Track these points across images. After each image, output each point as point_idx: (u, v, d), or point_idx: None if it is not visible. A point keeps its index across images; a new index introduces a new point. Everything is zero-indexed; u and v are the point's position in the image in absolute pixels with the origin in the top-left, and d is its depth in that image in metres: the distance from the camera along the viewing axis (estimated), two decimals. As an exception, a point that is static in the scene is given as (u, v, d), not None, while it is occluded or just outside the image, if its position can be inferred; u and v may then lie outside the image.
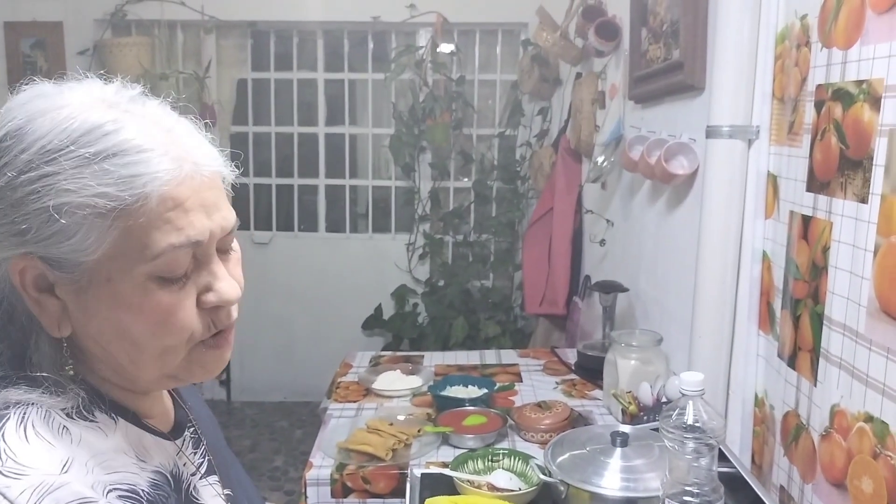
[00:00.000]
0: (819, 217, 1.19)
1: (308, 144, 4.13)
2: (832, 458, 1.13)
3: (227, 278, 0.71)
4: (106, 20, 3.78)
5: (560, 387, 2.07)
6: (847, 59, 1.11)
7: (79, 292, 0.66)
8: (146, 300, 0.66)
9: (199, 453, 0.85)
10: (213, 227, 0.68)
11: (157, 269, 0.65)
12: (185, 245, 0.66)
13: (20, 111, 0.65)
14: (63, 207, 0.62)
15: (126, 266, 0.65)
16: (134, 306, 0.66)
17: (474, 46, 3.99)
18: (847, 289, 1.10)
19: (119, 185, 0.62)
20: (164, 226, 0.64)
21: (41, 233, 0.63)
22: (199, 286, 0.70)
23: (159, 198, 0.64)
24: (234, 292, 0.72)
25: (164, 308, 0.67)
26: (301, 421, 3.97)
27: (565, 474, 1.22)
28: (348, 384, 2.13)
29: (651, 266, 2.16)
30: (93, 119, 0.64)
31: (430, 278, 4.05)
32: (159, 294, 0.66)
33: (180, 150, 0.67)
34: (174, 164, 0.65)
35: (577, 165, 3.11)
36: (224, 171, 0.72)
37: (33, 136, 0.63)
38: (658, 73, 1.99)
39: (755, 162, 1.45)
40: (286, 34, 4.02)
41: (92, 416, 0.69)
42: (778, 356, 1.34)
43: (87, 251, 0.63)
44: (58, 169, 0.62)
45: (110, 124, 0.64)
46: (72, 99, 0.66)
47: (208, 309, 0.71)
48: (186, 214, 0.66)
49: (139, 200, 0.63)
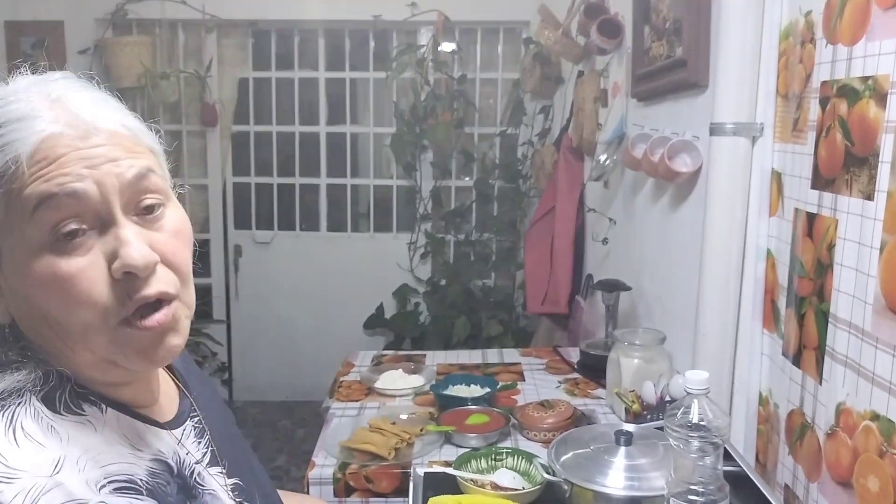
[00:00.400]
0: (824, 214, 1.18)
1: (309, 143, 4.13)
2: (838, 457, 1.13)
3: (134, 242, 0.65)
4: (107, 19, 3.78)
5: (563, 386, 2.07)
6: (852, 56, 1.10)
7: (6, 275, 0.67)
8: (43, 269, 0.64)
9: (202, 443, 0.83)
10: (100, 178, 0.65)
11: (41, 229, 0.63)
12: (55, 194, 0.63)
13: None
14: None
15: (19, 235, 0.64)
16: (33, 276, 0.64)
17: (476, 45, 3.99)
18: (853, 286, 1.09)
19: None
20: (35, 181, 0.63)
21: None
22: (107, 253, 0.66)
23: (29, 157, 0.63)
24: (142, 257, 0.65)
25: (62, 276, 0.64)
26: (303, 420, 3.97)
27: (569, 473, 1.22)
28: (350, 383, 2.12)
29: (654, 264, 2.16)
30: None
31: (432, 277, 4.04)
32: (55, 261, 0.64)
33: (66, 112, 0.66)
34: (50, 124, 0.64)
35: (580, 164, 3.10)
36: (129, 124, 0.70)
37: None
38: (661, 71, 1.99)
39: (759, 159, 1.44)
40: (287, 33, 4.01)
41: (80, 409, 0.68)
42: (783, 354, 1.34)
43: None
44: None
45: (2, 100, 0.66)
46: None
47: (124, 281, 0.65)
48: (62, 167, 0.64)
49: (12, 165, 0.63)
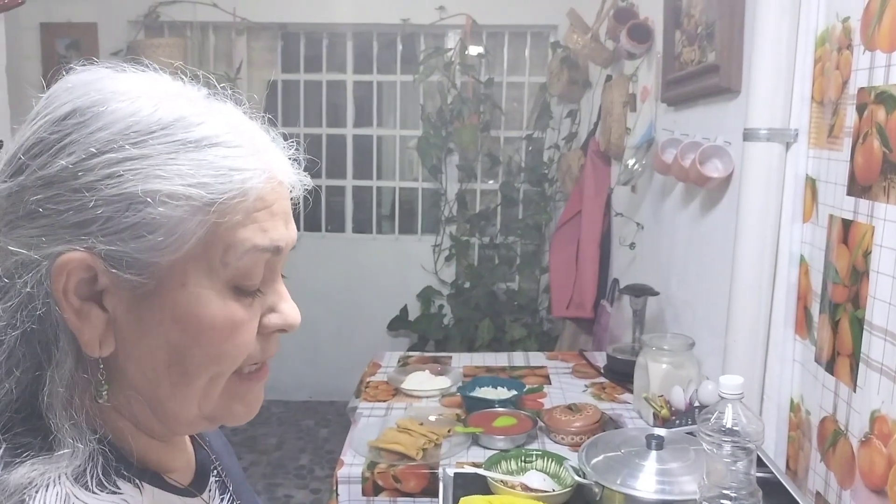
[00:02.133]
0: (860, 221, 1.18)
1: (336, 145, 4.16)
2: (872, 465, 1.12)
3: (290, 300, 0.63)
4: (139, 21, 3.84)
5: (589, 390, 2.07)
6: (891, 63, 1.10)
7: (137, 301, 0.56)
8: (220, 311, 0.57)
9: (226, 500, 0.76)
10: (289, 238, 0.61)
11: (237, 274, 0.57)
12: (268, 249, 0.58)
13: (86, 89, 0.56)
14: (153, 195, 0.53)
15: (206, 269, 0.56)
16: (205, 318, 0.56)
17: (503, 48, 4.00)
18: (889, 293, 1.08)
19: (219, 177, 0.55)
20: (251, 226, 0.57)
21: (114, 224, 0.53)
22: (264, 307, 0.61)
23: (255, 196, 0.57)
24: (298, 316, 0.63)
25: (237, 321, 0.58)
26: (327, 420, 3.99)
27: (600, 476, 1.22)
28: (377, 384, 2.14)
29: (683, 270, 2.15)
30: (182, 108, 0.57)
31: (456, 280, 4.05)
32: (234, 306, 0.58)
33: (264, 153, 0.60)
34: (278, 170, 0.60)
35: (607, 168, 3.10)
36: (298, 185, 0.65)
37: (114, 116, 0.54)
38: (692, 76, 1.98)
39: (793, 165, 1.44)
40: (316, 36, 4.05)
41: (115, 487, 0.58)
42: (815, 361, 1.33)
43: (168, 249, 0.54)
44: (148, 152, 0.54)
45: (201, 115, 0.57)
46: (148, 86, 0.58)
47: (266, 336, 0.63)
48: (272, 218, 0.59)
49: (237, 196, 0.55)
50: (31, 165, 0.54)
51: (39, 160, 0.54)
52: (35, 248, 0.53)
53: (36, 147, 0.54)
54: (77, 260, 0.53)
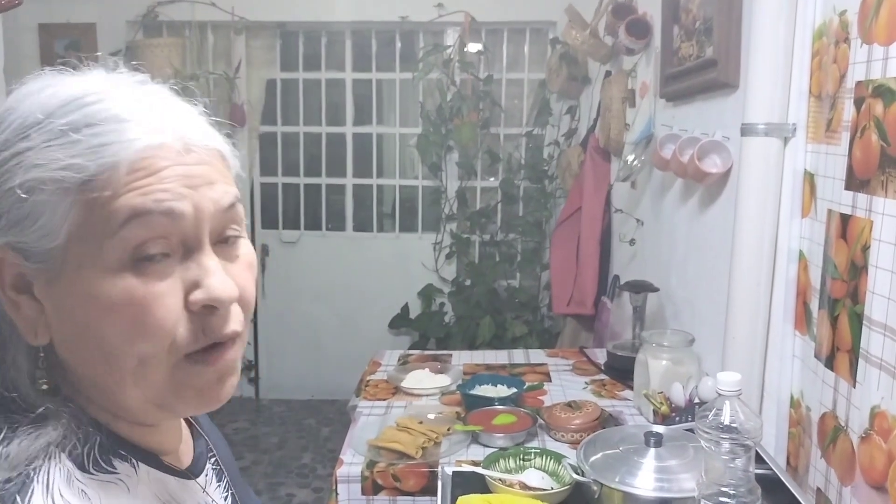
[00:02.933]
0: (858, 216, 1.17)
1: (336, 144, 4.16)
2: (872, 461, 1.12)
3: (220, 273, 0.59)
4: (138, 21, 3.84)
5: (590, 387, 2.06)
6: (889, 56, 1.09)
7: (51, 288, 0.57)
8: (116, 287, 0.55)
9: (222, 486, 0.76)
10: (198, 200, 0.58)
11: (124, 246, 0.55)
12: (152, 211, 0.56)
13: (13, 97, 0.59)
14: (28, 184, 0.55)
15: (95, 247, 0.55)
16: (104, 297, 0.55)
17: (502, 45, 3.99)
18: (888, 288, 1.08)
19: (87, 156, 0.55)
20: (129, 193, 0.55)
21: (12, 217, 0.56)
22: (187, 281, 0.58)
23: (129, 165, 0.55)
24: (228, 290, 0.59)
25: (137, 298, 0.56)
26: (328, 419, 3.99)
27: (598, 474, 1.21)
28: (377, 382, 2.13)
29: (682, 266, 2.15)
30: (73, 91, 0.58)
31: (457, 278, 4.05)
32: (133, 282, 0.56)
33: (166, 122, 0.59)
34: (154, 133, 0.57)
35: (606, 164, 3.09)
36: (223, 148, 0.63)
37: (14, 116, 0.57)
38: (691, 71, 1.97)
39: (791, 160, 1.43)
40: (315, 34, 4.04)
41: (111, 467, 0.60)
42: (815, 357, 1.32)
43: (53, 234, 0.55)
44: (30, 144, 0.56)
45: (91, 96, 0.57)
46: (64, 79, 0.60)
47: (199, 314, 0.58)
48: (161, 182, 0.56)
49: (106, 170, 0.55)
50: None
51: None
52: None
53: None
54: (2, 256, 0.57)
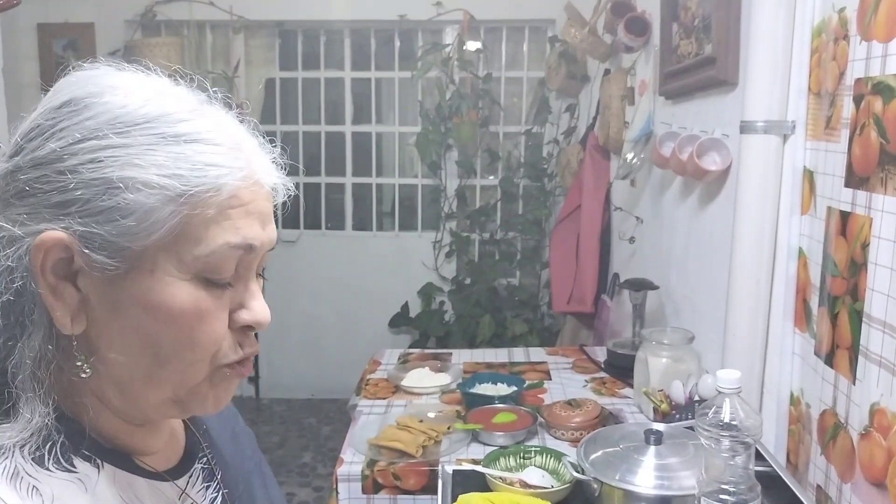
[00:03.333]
0: (858, 213, 1.17)
1: (335, 143, 4.16)
2: (872, 458, 1.12)
3: (261, 299, 0.65)
4: (136, 21, 3.84)
5: (590, 385, 2.06)
6: (888, 53, 1.09)
7: (110, 283, 0.58)
8: (187, 299, 0.59)
9: (211, 488, 0.75)
10: (265, 239, 0.63)
11: (206, 267, 0.59)
12: (240, 246, 0.60)
13: (85, 83, 0.60)
14: (128, 181, 0.56)
15: (176, 259, 0.58)
16: (172, 305, 0.58)
17: (501, 43, 3.99)
18: (888, 285, 1.08)
19: (194, 171, 0.58)
20: (224, 222, 0.59)
21: (91, 206, 0.56)
22: (234, 301, 0.63)
23: (231, 192, 0.59)
24: (267, 315, 0.65)
25: (202, 311, 0.60)
26: (329, 418, 3.99)
27: (599, 472, 1.21)
28: (377, 381, 2.13)
29: (682, 263, 2.15)
30: (169, 105, 0.60)
31: (457, 276, 4.05)
32: (201, 294, 0.60)
33: (247, 153, 0.63)
34: (245, 164, 0.61)
35: (606, 162, 3.09)
36: (280, 187, 0.68)
37: (105, 107, 0.58)
38: (690, 69, 1.97)
39: (791, 157, 1.43)
40: (313, 33, 4.04)
41: (71, 466, 0.60)
42: (815, 354, 1.32)
43: (140, 234, 0.56)
44: (130, 142, 0.57)
45: (186, 113, 0.60)
46: (143, 83, 0.62)
47: (237, 330, 0.64)
48: (247, 217, 0.61)
49: (211, 191, 0.58)
50: (25, 148, 0.58)
51: (33, 143, 0.58)
52: (20, 225, 0.57)
53: (33, 132, 0.59)
54: (55, 239, 0.56)
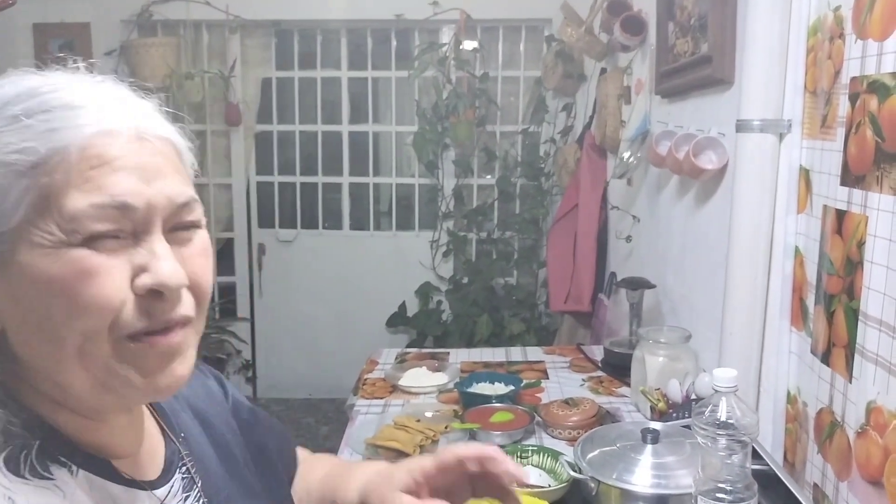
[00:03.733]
0: (854, 211, 1.17)
1: (332, 142, 4.15)
2: (868, 456, 1.12)
3: (169, 259, 0.60)
4: (132, 21, 3.83)
5: (587, 384, 2.06)
6: (883, 51, 1.09)
7: (3, 270, 0.57)
8: (64, 261, 0.56)
9: (191, 497, 0.72)
10: (151, 195, 0.59)
11: (77, 229, 0.57)
12: (108, 205, 0.57)
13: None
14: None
15: (46, 229, 0.56)
16: (54, 272, 0.56)
17: (498, 43, 3.99)
18: (884, 284, 1.08)
19: (39, 140, 0.56)
20: (84, 184, 0.57)
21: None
22: (135, 265, 0.59)
23: (80, 151, 0.57)
24: (177, 276, 0.60)
25: (84, 269, 0.56)
26: (327, 417, 3.99)
27: (596, 471, 1.22)
28: (375, 381, 2.13)
29: (679, 262, 2.15)
30: (30, 83, 0.60)
31: (454, 275, 4.05)
32: (78, 253, 0.56)
33: (119, 111, 0.60)
34: (104, 120, 0.59)
35: (603, 161, 3.09)
36: (177, 140, 0.65)
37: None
38: (686, 68, 1.97)
39: (787, 156, 1.43)
40: (310, 33, 4.04)
41: (47, 473, 0.59)
42: (811, 353, 1.33)
43: (5, 216, 0.56)
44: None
45: (47, 87, 0.60)
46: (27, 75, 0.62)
47: (146, 297, 0.59)
48: (114, 173, 0.58)
49: (57, 154, 0.56)
50: None
51: None
52: None
53: None
54: None
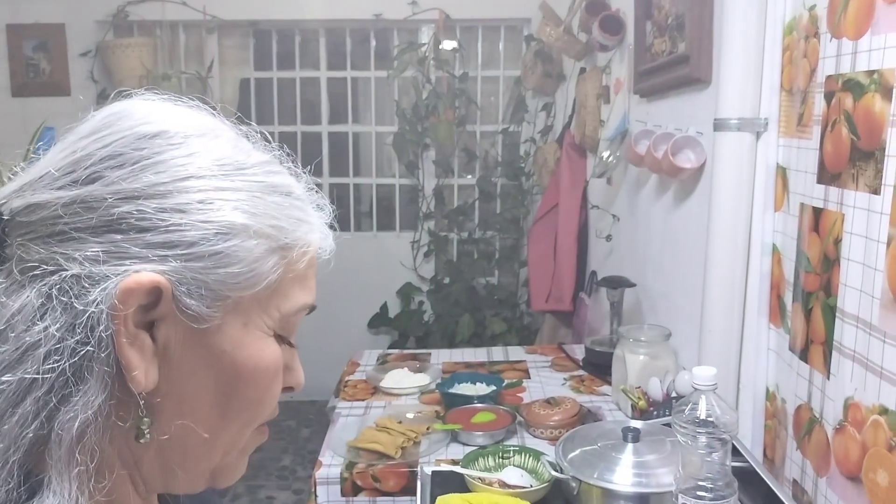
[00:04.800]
0: (830, 209, 1.18)
1: (311, 143, 4.13)
2: (846, 452, 1.13)
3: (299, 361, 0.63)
4: (108, 21, 3.78)
5: (568, 383, 2.07)
6: (857, 50, 1.10)
7: (197, 335, 0.52)
8: (272, 356, 0.56)
9: None
10: None
11: (287, 326, 0.58)
12: (310, 307, 0.59)
13: (166, 114, 0.55)
14: (240, 227, 0.52)
15: (266, 314, 0.55)
16: (260, 361, 0.55)
17: (477, 43, 3.99)
18: (860, 281, 1.09)
19: (291, 225, 0.56)
20: (305, 282, 0.58)
21: (199, 249, 0.51)
22: (283, 362, 0.60)
23: (314, 250, 0.58)
24: (304, 380, 0.63)
25: (279, 370, 0.57)
26: (308, 420, 3.97)
27: (577, 470, 1.22)
28: (356, 382, 2.12)
29: (658, 261, 2.16)
30: (262, 154, 0.58)
31: (436, 276, 4.04)
32: (278, 350, 0.57)
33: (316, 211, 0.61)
34: (319, 223, 0.60)
35: (582, 161, 3.10)
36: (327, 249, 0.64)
37: (204, 146, 0.54)
38: (664, 67, 1.98)
39: (764, 154, 1.44)
40: (288, 33, 4.01)
41: None
42: (789, 349, 1.34)
43: (242, 284, 0.53)
44: (239, 185, 0.54)
45: (276, 165, 0.58)
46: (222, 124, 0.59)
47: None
48: (314, 278, 0.60)
49: (304, 247, 0.56)
50: (108, 176, 0.50)
51: (120, 172, 0.51)
52: (96, 264, 0.49)
53: (113, 160, 0.51)
54: (150, 281, 0.49)
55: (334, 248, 0.63)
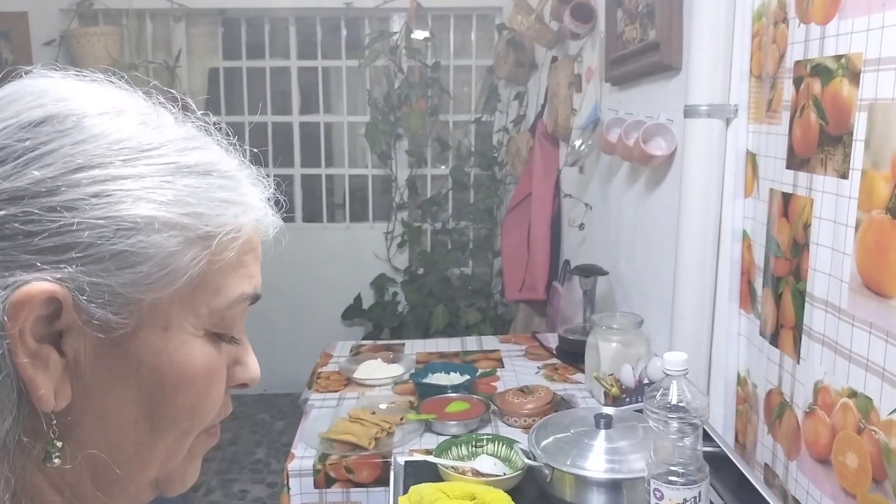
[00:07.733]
0: (799, 194, 1.19)
1: (282, 133, 4.08)
2: (816, 435, 1.14)
3: (252, 353, 0.57)
4: (72, 10, 3.70)
5: (542, 371, 2.07)
6: (825, 35, 1.10)
7: (109, 345, 0.47)
8: (202, 359, 0.50)
9: None
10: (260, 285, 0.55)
11: (220, 322, 0.51)
12: (251, 297, 0.53)
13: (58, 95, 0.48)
14: (145, 220, 0.46)
15: (191, 312, 0.49)
16: (187, 367, 0.49)
17: (449, 32, 3.96)
18: (829, 265, 1.09)
19: (213, 209, 0.49)
20: (240, 270, 0.52)
21: (98, 250, 0.44)
22: (230, 358, 0.54)
23: (248, 234, 0.52)
24: (259, 372, 0.57)
25: (214, 372, 0.51)
26: (282, 412, 3.94)
27: (550, 458, 1.21)
28: (329, 374, 2.11)
29: (630, 249, 2.16)
30: (172, 130, 0.51)
31: (410, 266, 4.03)
32: (211, 351, 0.51)
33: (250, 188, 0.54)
34: (254, 201, 0.54)
35: (555, 150, 3.10)
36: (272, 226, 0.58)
37: (98, 129, 0.47)
38: (634, 55, 1.98)
39: (734, 141, 1.45)
40: (257, 22, 3.96)
41: None
42: (760, 335, 1.34)
43: (156, 285, 0.46)
44: (141, 171, 0.47)
45: (195, 141, 0.52)
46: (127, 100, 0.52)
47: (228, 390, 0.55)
48: (256, 263, 0.54)
49: (232, 232, 0.50)
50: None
51: (1, 169, 0.44)
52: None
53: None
54: (45, 291, 0.43)
55: (279, 226, 0.58)
